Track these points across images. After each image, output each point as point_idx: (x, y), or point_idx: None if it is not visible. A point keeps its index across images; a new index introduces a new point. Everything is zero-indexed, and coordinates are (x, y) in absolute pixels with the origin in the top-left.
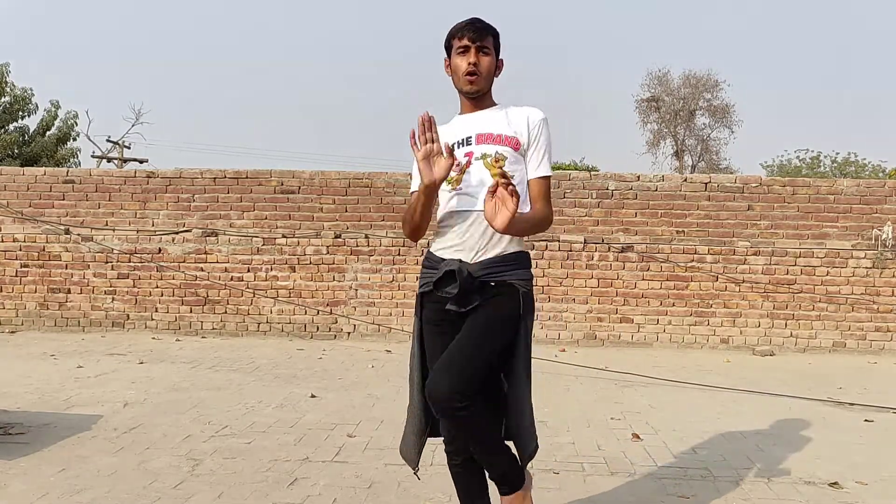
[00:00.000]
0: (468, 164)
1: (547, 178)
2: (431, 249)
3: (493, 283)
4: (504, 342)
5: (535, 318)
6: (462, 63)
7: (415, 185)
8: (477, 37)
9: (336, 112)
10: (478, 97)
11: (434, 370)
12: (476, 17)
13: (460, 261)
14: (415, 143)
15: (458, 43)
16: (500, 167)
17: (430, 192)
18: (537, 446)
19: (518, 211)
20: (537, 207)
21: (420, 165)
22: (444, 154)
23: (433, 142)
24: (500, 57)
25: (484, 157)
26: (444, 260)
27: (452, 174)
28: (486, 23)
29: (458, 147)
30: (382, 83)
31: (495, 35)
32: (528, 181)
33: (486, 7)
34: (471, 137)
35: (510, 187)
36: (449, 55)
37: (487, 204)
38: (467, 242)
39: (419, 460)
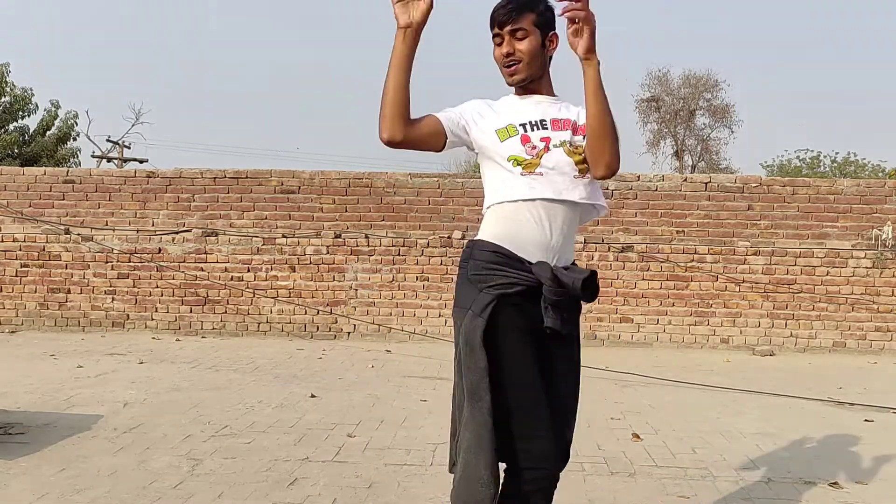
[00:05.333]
0: (546, 148)
1: None
2: (496, 241)
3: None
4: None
5: None
6: (499, 55)
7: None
8: (507, 20)
9: (336, 111)
10: (530, 84)
11: (545, 437)
12: None
13: (549, 265)
14: None
15: (492, 32)
16: (581, 153)
17: (410, 37)
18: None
19: (598, 202)
20: None
21: (396, 9)
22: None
23: None
24: (553, 31)
25: (563, 143)
26: (525, 260)
27: (526, 157)
28: None
29: (533, 129)
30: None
31: (536, 9)
32: None
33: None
34: (545, 121)
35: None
36: None
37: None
38: (552, 240)
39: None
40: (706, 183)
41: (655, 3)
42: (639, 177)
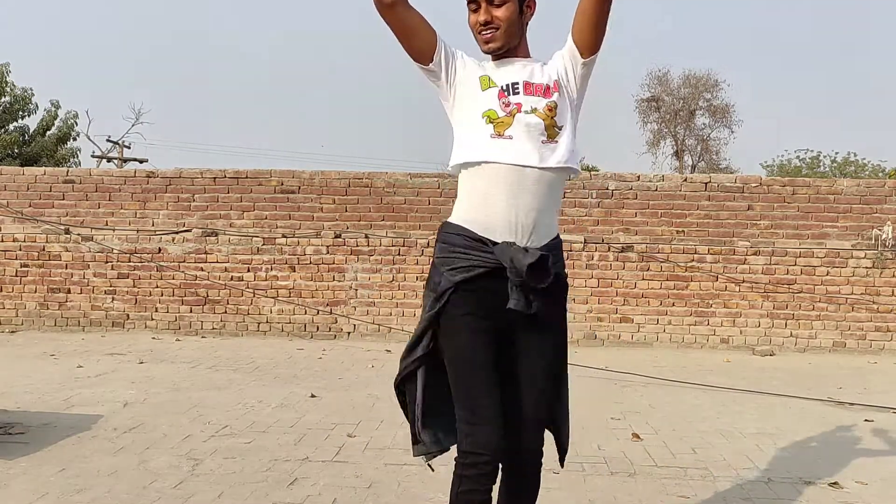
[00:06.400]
0: (519, 110)
1: None
2: (460, 222)
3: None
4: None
5: None
6: (474, 22)
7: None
8: None
9: (336, 111)
10: (506, 52)
11: (488, 424)
12: None
13: (514, 245)
14: None
15: None
16: (552, 117)
17: None
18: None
19: (572, 165)
20: None
21: None
22: None
23: None
24: None
25: (534, 110)
26: (487, 240)
27: (500, 113)
28: None
29: (507, 92)
30: (383, 83)
31: None
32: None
33: None
34: (518, 85)
35: None
36: None
37: None
38: (519, 217)
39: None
40: (706, 183)
41: (656, 4)
42: (639, 177)
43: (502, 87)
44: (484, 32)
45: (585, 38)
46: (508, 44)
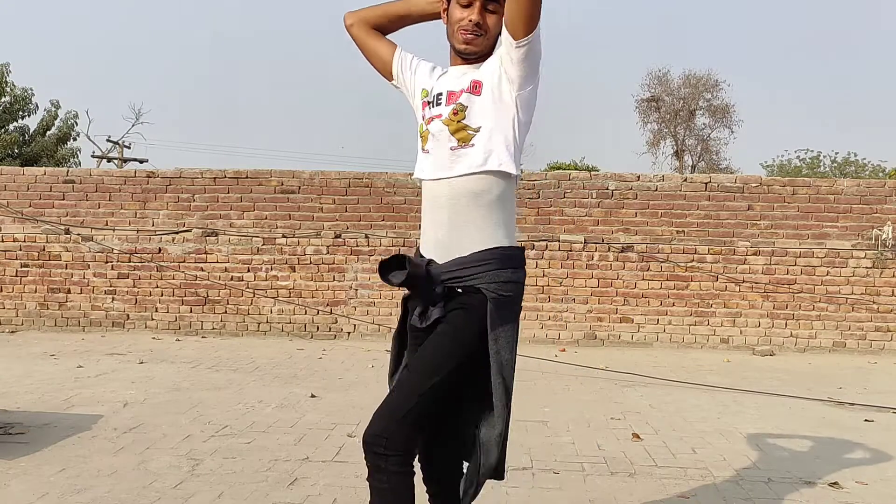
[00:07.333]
0: (430, 120)
1: None
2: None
3: (459, 290)
4: (451, 367)
5: (520, 324)
6: (462, 17)
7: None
8: None
9: (336, 111)
10: (470, 60)
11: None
12: None
13: (430, 262)
14: None
15: None
16: (459, 120)
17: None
18: (499, 461)
19: (498, 168)
20: None
21: None
22: None
23: None
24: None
25: (444, 117)
26: (420, 257)
27: (425, 126)
28: None
29: (431, 106)
30: (382, 83)
31: None
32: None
33: None
34: (442, 95)
35: None
36: None
37: None
38: (438, 229)
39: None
40: (706, 183)
41: (656, 3)
42: (639, 177)
43: (428, 100)
44: (467, 34)
45: (513, 16)
46: (483, 52)
